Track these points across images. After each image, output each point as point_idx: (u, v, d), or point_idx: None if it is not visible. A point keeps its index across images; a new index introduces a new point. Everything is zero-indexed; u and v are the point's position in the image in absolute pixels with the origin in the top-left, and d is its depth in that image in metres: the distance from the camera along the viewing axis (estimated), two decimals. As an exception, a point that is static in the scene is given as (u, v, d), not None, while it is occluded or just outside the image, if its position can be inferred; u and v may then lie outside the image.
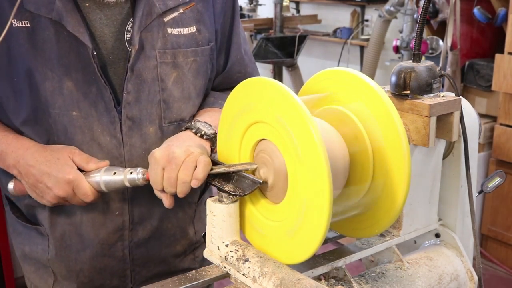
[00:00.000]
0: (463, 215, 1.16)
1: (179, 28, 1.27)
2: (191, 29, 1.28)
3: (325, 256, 1.04)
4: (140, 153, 1.26)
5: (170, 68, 1.26)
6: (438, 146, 1.09)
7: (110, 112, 1.22)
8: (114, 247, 1.33)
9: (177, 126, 1.30)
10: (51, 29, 1.17)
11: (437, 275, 1.10)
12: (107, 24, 1.22)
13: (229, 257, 1.00)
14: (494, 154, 3.52)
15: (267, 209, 0.99)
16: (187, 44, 1.28)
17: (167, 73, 1.26)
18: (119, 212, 1.30)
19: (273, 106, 0.92)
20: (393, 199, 0.94)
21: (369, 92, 0.95)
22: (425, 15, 1.01)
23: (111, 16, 1.22)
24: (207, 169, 1.09)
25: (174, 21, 1.26)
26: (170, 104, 1.28)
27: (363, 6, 5.17)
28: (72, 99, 1.20)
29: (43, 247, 1.34)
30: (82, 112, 1.21)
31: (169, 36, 1.25)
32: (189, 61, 1.28)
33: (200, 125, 1.24)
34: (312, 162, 0.86)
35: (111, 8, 1.22)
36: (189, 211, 1.42)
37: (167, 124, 1.28)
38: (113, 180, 1.19)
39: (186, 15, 1.27)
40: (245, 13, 5.83)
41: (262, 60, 5.20)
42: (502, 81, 3.38)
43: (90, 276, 1.35)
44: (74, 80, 1.20)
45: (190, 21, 1.28)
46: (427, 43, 3.85)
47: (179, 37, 1.27)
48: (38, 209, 1.33)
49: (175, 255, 1.43)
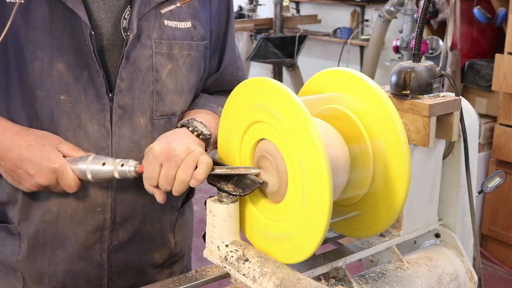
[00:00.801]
0: (463, 215, 1.16)
1: (176, 21, 1.25)
2: (187, 24, 1.27)
3: (325, 256, 1.04)
4: (129, 145, 1.22)
5: (166, 59, 1.24)
6: (438, 146, 1.09)
7: (101, 99, 1.18)
8: (93, 249, 1.25)
9: (167, 121, 1.27)
10: (46, 7, 1.13)
11: (437, 275, 1.10)
12: (104, 9, 1.20)
13: (229, 257, 1.00)
14: (494, 154, 3.52)
15: (267, 208, 0.99)
16: (182, 38, 1.26)
17: (162, 64, 1.24)
18: (101, 209, 1.23)
19: (273, 106, 0.92)
20: (393, 199, 0.94)
21: (369, 92, 0.95)
22: (425, 15, 1.01)
23: (108, 1, 1.20)
24: (208, 170, 1.07)
25: (171, 14, 1.25)
26: (163, 96, 1.25)
27: (363, 6, 5.18)
28: (61, 82, 1.16)
29: (13, 248, 1.26)
30: (71, 96, 1.17)
31: (166, 27, 1.24)
32: (184, 54, 1.27)
33: (197, 124, 1.22)
34: (312, 162, 0.86)
35: None
36: (171, 217, 1.37)
37: (158, 118, 1.25)
38: (102, 170, 1.13)
39: (182, 10, 1.27)
40: (245, 13, 5.83)
41: (262, 60, 5.20)
42: (502, 81, 3.38)
43: (63, 282, 1.27)
44: (65, 63, 1.16)
45: (186, 16, 1.27)
46: (427, 43, 3.85)
47: (175, 30, 1.25)
48: (8, 206, 1.26)
49: (153, 264, 1.37)
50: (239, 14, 5.84)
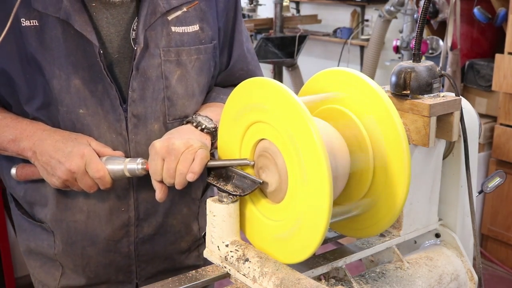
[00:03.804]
0: (463, 215, 1.16)
1: (183, 27, 1.29)
2: (195, 27, 1.31)
3: (325, 256, 1.04)
4: (145, 150, 1.27)
5: (174, 66, 1.28)
6: (438, 146, 1.09)
7: (116, 110, 1.25)
8: (120, 243, 1.35)
9: (181, 123, 1.31)
10: (59, 28, 1.19)
11: (437, 275, 1.10)
12: (113, 24, 1.25)
13: (229, 257, 1.00)
14: (494, 154, 3.52)
15: (267, 208, 0.99)
16: (190, 42, 1.30)
17: (171, 71, 1.28)
18: (125, 208, 1.32)
19: (273, 106, 0.92)
20: (393, 199, 0.94)
21: (369, 92, 0.95)
22: (425, 15, 1.01)
23: (117, 15, 1.25)
24: (203, 163, 1.12)
25: (177, 20, 1.28)
26: (174, 101, 1.30)
27: (363, 6, 5.17)
28: (79, 97, 1.23)
29: (49, 243, 1.36)
30: (89, 109, 1.24)
31: (173, 34, 1.28)
32: (192, 59, 1.31)
33: (201, 119, 1.27)
34: (312, 162, 0.86)
35: (117, 8, 1.24)
36: (193, 207, 1.43)
37: (171, 121, 1.31)
38: (113, 169, 1.20)
39: (189, 14, 1.30)
40: (245, 13, 5.83)
41: (262, 60, 5.19)
42: (502, 81, 3.38)
43: (96, 271, 1.37)
44: (81, 78, 1.22)
45: (194, 20, 1.30)
46: (427, 43, 3.85)
47: (183, 35, 1.29)
48: (37, 207, 1.35)
49: (180, 251, 1.44)
50: (239, 14, 5.83)
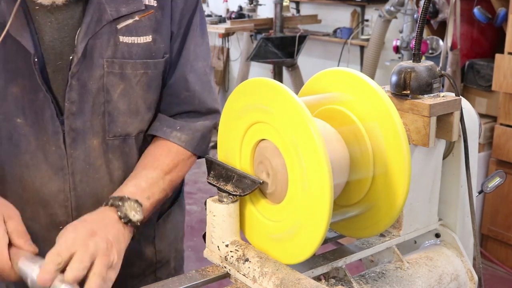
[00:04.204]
0: (463, 215, 1.16)
1: (133, 37, 1.18)
2: (147, 38, 1.20)
3: (325, 256, 1.04)
4: (84, 166, 1.20)
5: (118, 79, 1.19)
6: (438, 146, 1.09)
7: (54, 122, 1.17)
8: None
9: (122, 141, 1.24)
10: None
11: (437, 275, 1.10)
12: (57, 29, 1.15)
13: (229, 257, 1.00)
14: (494, 154, 3.52)
15: (267, 209, 0.99)
16: (140, 55, 1.20)
17: (114, 84, 1.19)
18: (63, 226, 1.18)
19: (273, 106, 0.92)
20: (393, 199, 0.94)
21: (369, 92, 0.95)
22: (425, 15, 1.01)
23: (62, 20, 1.15)
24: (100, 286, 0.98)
25: (127, 29, 1.18)
26: (115, 117, 1.21)
27: (363, 6, 5.18)
28: (17, 106, 1.15)
29: None
30: (27, 119, 1.16)
31: (121, 45, 1.17)
32: (138, 73, 1.21)
33: (129, 206, 1.12)
34: (312, 162, 0.86)
35: (63, 12, 1.15)
36: (148, 231, 1.34)
37: (111, 138, 1.22)
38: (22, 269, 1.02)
39: (142, 23, 1.19)
40: (245, 13, 5.84)
41: (262, 60, 5.21)
42: (502, 81, 3.38)
43: None
44: (21, 86, 1.14)
45: (147, 30, 1.20)
46: (427, 43, 3.85)
47: (132, 46, 1.18)
48: None
49: (132, 276, 1.33)
50: (239, 14, 5.85)
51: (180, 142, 1.27)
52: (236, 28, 5.61)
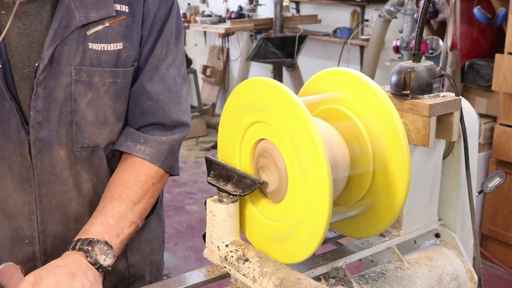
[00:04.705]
0: (463, 215, 1.16)
1: (102, 44, 1.14)
2: (117, 45, 1.15)
3: (325, 256, 1.04)
4: (50, 178, 1.16)
5: (85, 87, 1.14)
6: (438, 146, 1.09)
7: (20, 131, 1.12)
8: None
9: (91, 153, 1.20)
10: None
11: (437, 275, 1.10)
12: (25, 34, 1.11)
13: (229, 257, 1.00)
14: (494, 154, 3.52)
15: (267, 208, 0.99)
16: (108, 63, 1.15)
17: (81, 93, 1.14)
18: (29, 240, 1.17)
19: (273, 106, 0.92)
20: (393, 199, 0.94)
21: (369, 92, 0.95)
22: (425, 15, 1.01)
23: (30, 25, 1.11)
24: None
25: (97, 35, 1.13)
26: (82, 128, 1.16)
27: (363, 6, 5.18)
28: None
29: None
30: None
31: (89, 51, 1.13)
32: (106, 82, 1.16)
33: (99, 250, 1.06)
34: (312, 162, 0.86)
35: (30, 17, 1.11)
36: None
37: (79, 149, 1.18)
38: None
39: (112, 30, 1.15)
40: (245, 13, 5.84)
41: (262, 60, 5.21)
42: (502, 81, 3.38)
43: None
44: None
45: (117, 37, 1.15)
46: (427, 43, 3.85)
47: (101, 54, 1.14)
48: None
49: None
50: (239, 14, 5.86)
51: (144, 156, 1.21)
52: (236, 28, 5.62)
